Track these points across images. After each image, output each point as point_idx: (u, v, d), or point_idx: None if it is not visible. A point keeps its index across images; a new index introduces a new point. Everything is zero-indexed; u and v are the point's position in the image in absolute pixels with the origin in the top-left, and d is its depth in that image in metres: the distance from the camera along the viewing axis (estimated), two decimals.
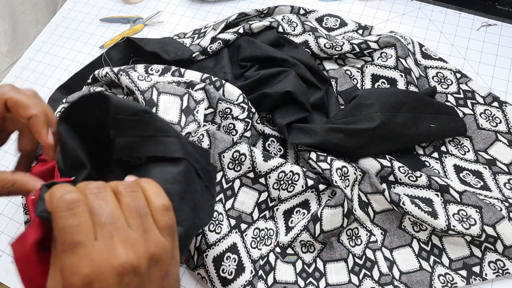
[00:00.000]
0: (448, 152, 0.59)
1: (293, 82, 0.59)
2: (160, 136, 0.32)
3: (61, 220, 0.24)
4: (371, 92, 0.57)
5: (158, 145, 0.31)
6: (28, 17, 1.09)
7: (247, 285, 0.50)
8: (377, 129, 0.54)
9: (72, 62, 0.79)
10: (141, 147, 0.31)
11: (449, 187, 0.53)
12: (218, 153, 0.55)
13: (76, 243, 0.23)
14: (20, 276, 0.26)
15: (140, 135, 0.31)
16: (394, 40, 0.64)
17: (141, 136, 0.31)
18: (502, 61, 0.67)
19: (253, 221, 0.55)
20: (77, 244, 0.23)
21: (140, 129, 0.31)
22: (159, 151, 0.31)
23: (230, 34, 0.69)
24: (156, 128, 0.32)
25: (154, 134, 0.31)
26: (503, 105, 0.61)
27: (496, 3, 0.73)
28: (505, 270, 0.50)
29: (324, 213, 0.51)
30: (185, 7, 0.83)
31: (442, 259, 0.52)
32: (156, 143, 0.31)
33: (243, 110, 0.57)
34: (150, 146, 0.31)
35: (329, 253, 0.53)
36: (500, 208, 0.52)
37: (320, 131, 0.56)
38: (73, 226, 0.24)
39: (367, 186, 0.55)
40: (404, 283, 0.51)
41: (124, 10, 0.86)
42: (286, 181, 0.53)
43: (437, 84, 0.64)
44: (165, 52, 0.68)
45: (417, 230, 0.54)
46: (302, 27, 0.68)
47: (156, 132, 0.32)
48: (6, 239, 0.61)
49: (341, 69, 0.66)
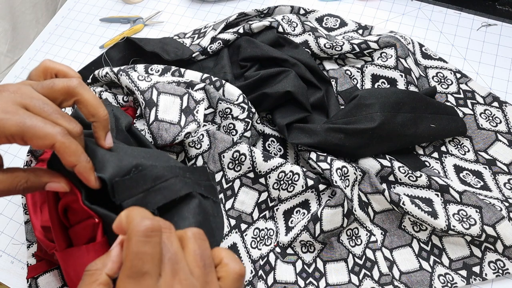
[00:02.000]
0: (448, 152, 0.59)
1: (293, 82, 0.59)
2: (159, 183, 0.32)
3: (136, 245, 0.23)
4: (371, 92, 0.57)
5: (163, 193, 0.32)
6: (28, 17, 1.09)
7: (247, 285, 0.50)
8: (377, 129, 0.54)
9: (72, 62, 0.80)
10: (148, 201, 0.31)
11: (449, 187, 0.53)
12: (218, 153, 0.55)
13: (144, 273, 0.23)
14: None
15: (142, 190, 0.31)
16: (394, 40, 0.64)
17: (143, 191, 0.31)
18: (502, 61, 0.67)
19: (253, 221, 0.55)
20: (144, 274, 0.23)
21: (140, 185, 0.31)
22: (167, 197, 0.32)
23: (230, 34, 0.69)
24: (153, 178, 0.32)
25: (154, 184, 0.32)
26: (503, 105, 0.61)
27: (496, 3, 0.73)
28: (505, 270, 0.50)
29: (324, 213, 0.51)
30: (185, 7, 0.83)
31: (442, 259, 0.52)
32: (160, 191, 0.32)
33: (243, 110, 0.57)
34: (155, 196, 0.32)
35: (329, 253, 0.53)
36: (500, 208, 0.52)
37: (320, 131, 0.56)
38: (146, 254, 0.23)
39: (367, 186, 0.55)
40: (404, 283, 0.51)
41: (124, 10, 0.86)
42: (286, 181, 0.53)
43: (437, 84, 0.64)
44: (165, 52, 0.68)
45: (417, 230, 0.54)
46: (302, 27, 0.68)
47: (155, 181, 0.32)
48: (6, 239, 0.61)
49: (341, 69, 0.66)
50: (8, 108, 0.29)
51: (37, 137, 0.29)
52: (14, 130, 0.29)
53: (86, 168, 0.31)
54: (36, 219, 0.52)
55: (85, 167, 0.31)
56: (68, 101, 0.33)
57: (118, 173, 0.31)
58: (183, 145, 0.56)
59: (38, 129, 0.29)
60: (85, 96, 0.33)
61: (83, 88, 0.33)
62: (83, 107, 0.33)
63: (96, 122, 0.33)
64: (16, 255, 0.60)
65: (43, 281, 0.54)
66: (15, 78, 0.79)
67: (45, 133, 0.29)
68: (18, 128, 0.29)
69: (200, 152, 0.56)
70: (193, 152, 0.56)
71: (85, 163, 0.31)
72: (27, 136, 0.29)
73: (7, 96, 0.30)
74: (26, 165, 0.58)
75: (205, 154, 0.56)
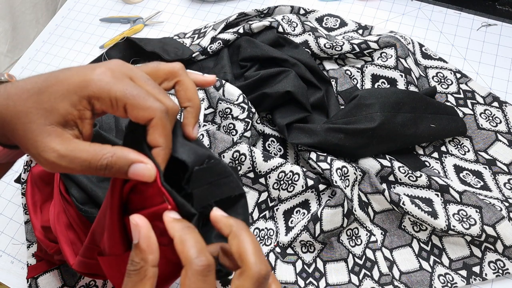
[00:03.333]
0: (448, 152, 0.59)
1: (293, 82, 0.59)
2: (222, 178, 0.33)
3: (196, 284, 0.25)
4: (371, 92, 0.57)
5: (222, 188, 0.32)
6: (28, 17, 1.09)
7: None
8: (377, 129, 0.54)
9: (72, 62, 0.80)
10: (210, 194, 0.32)
11: (449, 187, 0.53)
12: (218, 153, 0.55)
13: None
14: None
15: (208, 182, 0.32)
16: (394, 40, 0.64)
17: (209, 183, 0.32)
18: (502, 61, 0.67)
19: (253, 221, 0.55)
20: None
21: (207, 176, 0.32)
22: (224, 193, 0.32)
23: (230, 34, 0.69)
24: (217, 172, 0.32)
25: (217, 178, 0.32)
26: (503, 105, 0.61)
27: (496, 3, 0.73)
28: (505, 270, 0.50)
29: (324, 213, 0.51)
30: (185, 7, 0.84)
31: (442, 259, 0.52)
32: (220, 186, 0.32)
33: (243, 110, 0.57)
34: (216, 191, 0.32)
35: (329, 253, 0.53)
36: (500, 208, 0.52)
37: (320, 131, 0.56)
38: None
39: (367, 186, 0.55)
40: (404, 283, 0.51)
41: (124, 10, 0.86)
42: (286, 181, 0.53)
43: (437, 84, 0.64)
44: (165, 52, 0.68)
45: (417, 230, 0.54)
46: (302, 27, 0.68)
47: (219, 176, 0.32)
48: (6, 239, 0.61)
49: (341, 69, 0.66)
50: (116, 74, 0.29)
51: (139, 107, 0.29)
52: (120, 95, 0.29)
53: (165, 154, 0.30)
54: (36, 219, 0.52)
55: (166, 153, 0.30)
56: (170, 82, 0.33)
57: (198, 161, 0.31)
58: None
59: (141, 100, 0.29)
60: (186, 80, 0.33)
61: (185, 73, 0.33)
62: (182, 90, 0.33)
63: (190, 107, 0.33)
64: (16, 255, 0.60)
65: (43, 281, 0.55)
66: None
67: (147, 106, 0.29)
68: (123, 94, 0.29)
69: None
70: None
71: (167, 149, 0.30)
72: (130, 104, 0.29)
73: (115, 65, 0.30)
74: (26, 165, 0.58)
75: None
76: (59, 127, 0.29)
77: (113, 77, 0.29)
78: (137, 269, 0.26)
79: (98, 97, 0.29)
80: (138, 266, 0.26)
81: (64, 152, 0.28)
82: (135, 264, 0.26)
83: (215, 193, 0.32)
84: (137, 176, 0.29)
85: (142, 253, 0.26)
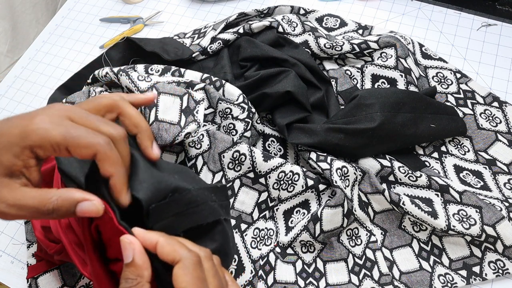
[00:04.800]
0: (448, 152, 0.59)
1: (293, 82, 0.59)
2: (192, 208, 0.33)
3: (196, 272, 0.27)
4: (371, 92, 0.57)
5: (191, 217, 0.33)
6: (28, 17, 1.09)
7: (247, 285, 0.50)
8: (377, 129, 0.54)
9: (72, 62, 0.80)
10: (177, 225, 0.32)
11: (449, 187, 0.53)
12: (218, 153, 0.55)
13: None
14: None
15: (174, 214, 0.32)
16: (394, 40, 0.64)
17: (175, 214, 0.32)
18: (502, 61, 0.67)
19: (253, 221, 0.55)
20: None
21: (173, 209, 0.32)
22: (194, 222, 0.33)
23: (230, 34, 0.69)
24: (185, 203, 0.33)
25: (186, 208, 0.33)
26: (503, 105, 0.61)
27: (496, 3, 0.73)
28: (505, 270, 0.50)
29: (324, 213, 0.51)
30: (185, 7, 0.84)
31: (442, 259, 0.52)
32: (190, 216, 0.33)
33: (243, 110, 0.57)
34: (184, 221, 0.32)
35: (329, 253, 0.53)
36: (500, 208, 0.52)
37: (320, 131, 0.56)
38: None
39: (367, 186, 0.55)
40: (404, 283, 0.51)
41: (124, 10, 0.86)
42: (286, 181, 0.53)
43: (437, 84, 0.64)
44: (165, 52, 0.68)
45: (417, 230, 0.54)
46: (302, 27, 0.68)
47: (187, 205, 0.33)
48: (6, 239, 0.61)
49: (341, 69, 0.66)
50: (54, 119, 0.30)
51: (80, 146, 0.30)
52: (59, 139, 0.30)
53: (120, 182, 0.31)
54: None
55: (120, 181, 0.31)
56: (112, 114, 0.35)
57: (156, 196, 0.31)
58: (183, 145, 0.56)
59: (81, 139, 0.30)
60: (127, 109, 0.35)
61: (125, 102, 0.35)
62: (126, 119, 0.35)
63: (139, 133, 0.35)
64: (16, 255, 0.60)
65: (43, 281, 0.55)
66: (15, 78, 0.79)
67: (87, 143, 0.30)
68: (62, 137, 0.30)
69: (200, 152, 0.56)
70: (193, 152, 0.56)
71: (122, 176, 0.31)
72: (71, 145, 0.30)
73: (54, 110, 0.32)
74: None
75: (205, 154, 0.56)
76: (6, 178, 0.30)
77: (51, 123, 0.30)
78: (133, 285, 0.27)
79: (40, 145, 0.30)
80: (135, 282, 0.27)
81: (12, 201, 0.29)
82: (130, 281, 0.27)
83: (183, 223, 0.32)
84: (85, 214, 0.30)
85: (138, 269, 0.27)
